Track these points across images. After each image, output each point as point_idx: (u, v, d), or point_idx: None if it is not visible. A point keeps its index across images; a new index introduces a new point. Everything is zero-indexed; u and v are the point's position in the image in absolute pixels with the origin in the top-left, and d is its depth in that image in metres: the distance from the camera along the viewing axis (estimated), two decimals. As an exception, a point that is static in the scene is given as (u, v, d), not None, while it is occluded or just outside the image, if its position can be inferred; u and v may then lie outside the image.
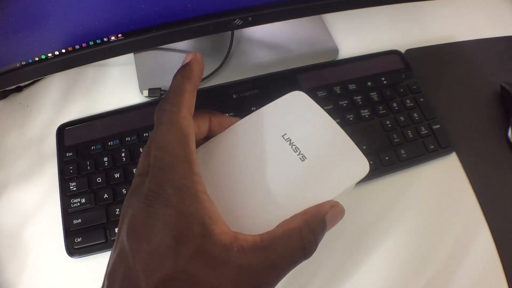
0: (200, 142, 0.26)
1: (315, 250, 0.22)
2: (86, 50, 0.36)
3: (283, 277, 0.21)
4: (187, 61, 0.24)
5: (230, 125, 0.27)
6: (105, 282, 0.20)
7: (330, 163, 0.25)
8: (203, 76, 0.46)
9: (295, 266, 0.21)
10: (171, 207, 0.20)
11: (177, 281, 0.19)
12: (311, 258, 0.22)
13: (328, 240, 0.23)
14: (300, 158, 0.25)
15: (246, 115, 0.27)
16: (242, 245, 0.20)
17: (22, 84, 0.48)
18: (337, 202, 0.23)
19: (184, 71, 0.24)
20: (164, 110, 0.22)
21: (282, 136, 0.25)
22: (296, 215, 0.22)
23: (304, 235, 0.21)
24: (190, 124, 0.22)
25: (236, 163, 0.25)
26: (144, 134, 0.42)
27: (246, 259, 0.20)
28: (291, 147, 0.25)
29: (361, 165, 0.25)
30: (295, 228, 0.21)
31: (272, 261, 0.20)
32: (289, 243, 0.21)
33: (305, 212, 0.22)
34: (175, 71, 0.24)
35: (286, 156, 0.25)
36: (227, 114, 0.32)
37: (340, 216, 0.23)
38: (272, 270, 0.20)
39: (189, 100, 0.23)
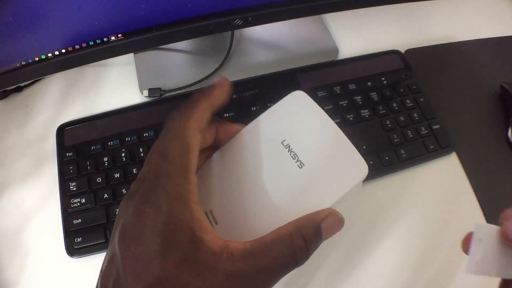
0: (207, 150, 0.27)
1: (307, 258, 0.22)
2: (86, 50, 0.36)
3: (274, 283, 0.21)
4: (214, 83, 0.26)
5: (236, 133, 0.27)
6: (99, 284, 0.21)
7: (327, 170, 0.24)
8: (203, 77, 0.46)
9: (286, 273, 0.21)
10: (161, 212, 0.20)
11: (165, 285, 0.19)
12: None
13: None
14: (298, 165, 0.25)
15: (247, 116, 0.28)
16: (232, 252, 0.20)
17: (22, 84, 0.48)
18: (335, 210, 0.23)
19: (205, 90, 0.25)
20: (174, 119, 0.23)
21: (282, 142, 0.26)
22: (289, 222, 0.22)
23: (295, 241, 0.21)
24: (195, 136, 0.23)
25: (237, 174, 0.25)
26: (144, 134, 0.42)
27: (235, 265, 0.20)
28: (290, 154, 0.25)
29: (359, 168, 0.24)
30: (286, 234, 0.21)
31: (261, 267, 0.20)
32: (279, 249, 0.21)
33: (299, 219, 0.22)
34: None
35: (284, 164, 0.25)
36: (228, 119, 0.32)
37: (338, 226, 0.23)
38: (262, 276, 0.20)
39: (200, 115, 0.24)
